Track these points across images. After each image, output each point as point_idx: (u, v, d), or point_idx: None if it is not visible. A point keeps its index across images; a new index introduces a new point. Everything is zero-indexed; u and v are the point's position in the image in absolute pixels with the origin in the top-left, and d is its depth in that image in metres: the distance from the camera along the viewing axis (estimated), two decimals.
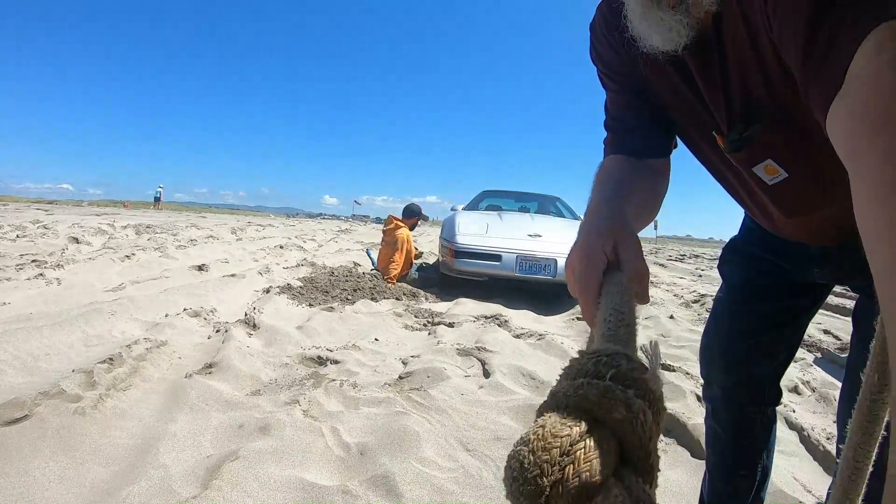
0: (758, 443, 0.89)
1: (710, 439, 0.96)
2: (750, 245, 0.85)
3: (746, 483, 0.89)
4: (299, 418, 1.48)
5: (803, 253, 0.74)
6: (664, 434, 1.61)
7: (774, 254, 0.80)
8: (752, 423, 0.87)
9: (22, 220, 7.41)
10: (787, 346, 0.85)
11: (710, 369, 0.90)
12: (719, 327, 0.89)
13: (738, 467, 0.90)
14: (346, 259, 6.16)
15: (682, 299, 4.33)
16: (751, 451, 0.89)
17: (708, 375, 0.91)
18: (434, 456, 1.32)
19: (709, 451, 0.97)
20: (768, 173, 0.61)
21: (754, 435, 0.88)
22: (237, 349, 2.06)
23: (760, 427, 0.88)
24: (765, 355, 0.84)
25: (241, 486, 1.12)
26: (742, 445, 0.89)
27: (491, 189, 6.40)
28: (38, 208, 13.24)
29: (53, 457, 1.20)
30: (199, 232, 8.43)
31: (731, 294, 0.88)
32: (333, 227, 18.04)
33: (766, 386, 0.86)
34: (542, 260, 3.97)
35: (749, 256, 0.85)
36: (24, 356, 1.76)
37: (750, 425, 0.87)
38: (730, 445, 0.90)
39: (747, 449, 0.89)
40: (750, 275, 0.84)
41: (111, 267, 4.11)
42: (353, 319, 2.94)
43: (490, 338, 2.50)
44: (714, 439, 0.94)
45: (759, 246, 0.83)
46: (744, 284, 0.86)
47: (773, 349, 0.84)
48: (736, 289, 0.87)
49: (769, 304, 0.82)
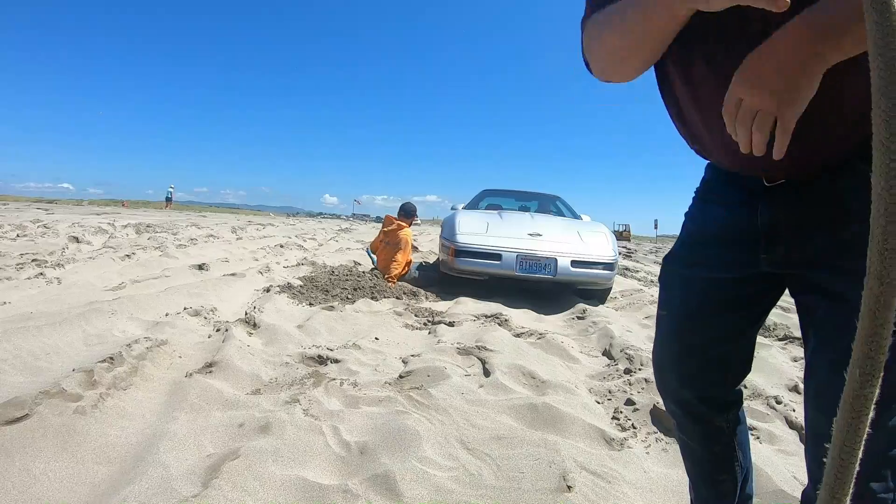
0: (730, 446, 0.88)
1: (682, 450, 0.95)
2: (688, 247, 0.83)
3: (728, 485, 0.89)
4: (300, 417, 1.48)
5: (751, 223, 0.71)
6: (664, 434, 1.61)
7: (719, 229, 0.77)
8: (719, 430, 0.86)
9: (22, 220, 7.42)
10: (740, 355, 0.83)
11: (664, 385, 0.89)
12: (666, 345, 0.87)
13: (715, 473, 0.89)
14: (347, 258, 6.16)
15: None
16: (725, 455, 0.88)
17: (664, 391, 0.90)
18: (434, 455, 1.32)
19: (685, 461, 0.96)
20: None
21: (724, 440, 0.87)
22: (237, 348, 2.06)
23: (729, 431, 0.87)
24: (718, 368, 0.82)
25: (242, 486, 1.12)
26: (714, 452, 0.88)
27: (491, 188, 6.38)
28: (39, 207, 13.25)
29: (54, 456, 1.20)
30: (200, 231, 8.44)
31: (673, 312, 0.86)
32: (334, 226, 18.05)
33: (725, 394, 0.85)
34: (543, 259, 3.97)
35: (688, 268, 0.82)
36: (24, 355, 1.76)
37: (718, 433, 0.86)
38: (703, 455, 0.89)
39: (721, 454, 0.88)
40: (688, 296, 0.82)
41: (111, 266, 4.12)
42: (353, 318, 2.94)
43: (490, 337, 2.50)
44: (686, 450, 0.93)
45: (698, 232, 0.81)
46: (682, 305, 0.84)
47: (726, 361, 0.82)
48: (675, 309, 0.85)
49: (714, 320, 0.80)
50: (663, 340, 0.87)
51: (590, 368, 2.32)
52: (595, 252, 4.12)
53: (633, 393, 1.89)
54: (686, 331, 0.83)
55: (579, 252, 4.07)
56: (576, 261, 4.00)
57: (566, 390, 1.86)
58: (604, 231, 4.54)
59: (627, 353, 2.38)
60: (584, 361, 2.42)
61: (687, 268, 0.83)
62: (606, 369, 2.27)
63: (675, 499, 1.26)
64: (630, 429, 1.64)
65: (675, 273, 0.85)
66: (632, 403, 1.80)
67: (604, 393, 1.94)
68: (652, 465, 1.41)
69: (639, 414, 1.73)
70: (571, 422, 1.58)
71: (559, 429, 1.55)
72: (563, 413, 1.61)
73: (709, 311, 0.80)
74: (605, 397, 1.90)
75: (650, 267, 8.06)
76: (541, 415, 1.62)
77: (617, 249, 4.34)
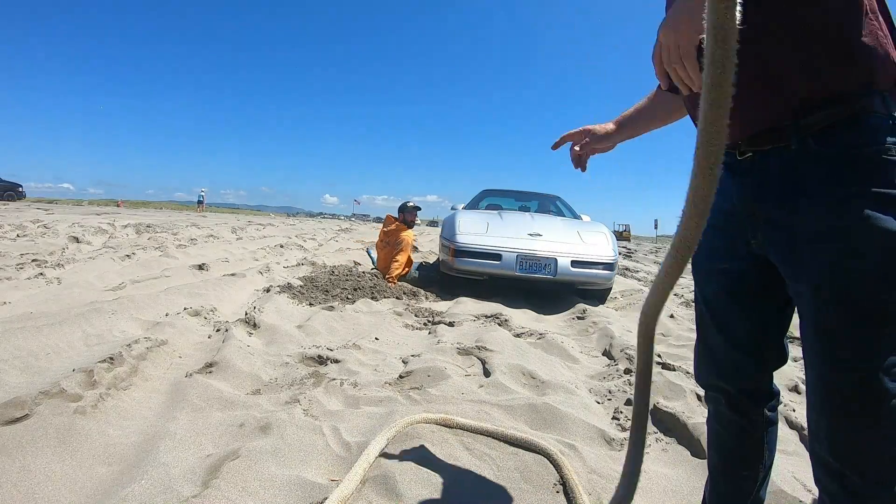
0: (760, 443, 0.88)
1: (712, 441, 0.95)
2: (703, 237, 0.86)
3: (749, 483, 0.89)
4: (300, 417, 1.48)
5: (734, 206, 0.77)
6: (664, 434, 1.61)
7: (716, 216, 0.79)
8: (755, 426, 0.87)
9: (22, 220, 7.41)
10: (771, 344, 0.84)
11: (705, 378, 0.91)
12: (701, 339, 0.89)
13: (741, 469, 0.90)
14: (347, 258, 6.17)
15: (682, 298, 4.33)
16: (754, 452, 0.88)
17: (705, 384, 0.91)
18: (434, 455, 1.32)
19: (711, 452, 0.96)
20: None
21: (758, 437, 0.88)
22: (237, 348, 2.06)
23: (764, 429, 0.88)
24: (753, 360, 0.84)
25: (242, 486, 1.12)
26: (746, 448, 0.89)
27: (491, 188, 6.38)
28: (39, 207, 13.25)
29: (54, 456, 1.20)
30: (200, 231, 8.44)
31: (702, 306, 0.88)
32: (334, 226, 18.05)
33: (762, 385, 0.86)
34: (543, 259, 3.97)
35: (705, 260, 0.85)
36: (24, 355, 1.76)
37: (753, 428, 0.87)
38: (734, 449, 0.90)
39: (751, 451, 0.88)
40: (710, 289, 0.85)
41: (111, 266, 4.12)
42: (353, 318, 2.94)
43: (490, 337, 2.50)
44: (717, 441, 0.93)
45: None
46: (706, 299, 0.86)
47: (758, 352, 0.83)
48: (702, 303, 0.87)
49: (738, 313, 0.82)
50: (699, 335, 0.90)
51: (590, 368, 2.32)
52: (595, 252, 4.12)
53: (633, 393, 1.89)
54: (716, 324, 0.85)
55: (579, 252, 4.07)
56: (576, 261, 4.00)
57: (566, 390, 1.86)
58: (604, 231, 4.54)
59: (627, 353, 2.38)
60: (584, 361, 2.42)
61: (704, 260, 0.86)
62: (606, 369, 2.27)
63: (675, 499, 1.26)
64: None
65: (697, 266, 0.88)
66: (632, 403, 1.80)
67: (604, 393, 1.94)
68: (652, 465, 1.41)
69: None
70: (571, 422, 1.58)
71: (559, 429, 1.55)
72: (563, 413, 1.61)
73: (730, 304, 0.82)
74: (605, 397, 1.91)
75: (650, 267, 8.05)
76: (541, 415, 1.62)
77: (617, 249, 4.34)
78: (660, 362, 2.26)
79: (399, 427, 1.41)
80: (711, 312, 0.86)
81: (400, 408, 1.60)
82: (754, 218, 0.75)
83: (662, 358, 2.33)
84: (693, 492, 1.29)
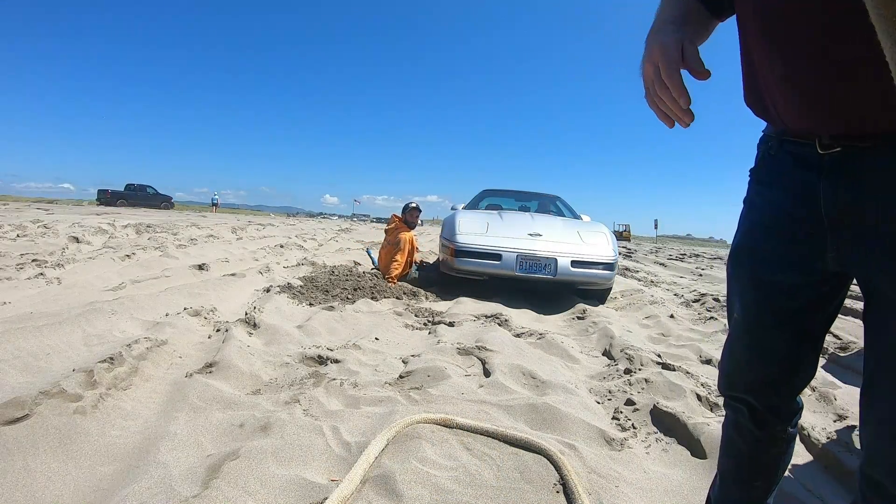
0: (778, 457, 0.86)
1: (726, 447, 0.91)
2: (750, 241, 0.78)
3: (760, 492, 0.88)
4: (300, 417, 1.48)
5: (813, 210, 0.66)
6: (664, 434, 1.61)
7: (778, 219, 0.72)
8: (775, 439, 0.84)
9: (22, 220, 7.41)
10: (807, 361, 0.78)
11: (731, 390, 0.85)
12: (735, 351, 0.83)
13: (754, 479, 0.88)
14: (347, 258, 6.17)
15: (682, 298, 4.33)
16: (770, 464, 0.87)
17: (731, 397, 0.86)
18: (434, 455, 1.32)
19: (724, 458, 0.92)
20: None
21: (775, 451, 0.85)
22: (237, 348, 2.06)
23: (783, 445, 0.85)
24: (787, 377, 0.78)
25: (242, 486, 1.12)
26: (762, 461, 0.86)
27: (491, 188, 6.38)
28: (39, 208, 13.24)
29: (54, 456, 1.20)
30: (200, 231, 8.43)
31: (739, 318, 0.81)
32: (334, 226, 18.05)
33: (791, 402, 0.82)
34: (543, 259, 3.97)
35: (750, 268, 0.77)
36: (24, 356, 1.76)
37: (773, 441, 0.84)
38: (750, 458, 0.87)
39: (766, 464, 0.86)
40: (752, 301, 0.77)
41: (111, 266, 4.12)
42: (353, 319, 2.94)
43: (490, 337, 2.50)
44: (732, 449, 0.90)
45: (760, 224, 0.75)
46: (747, 311, 0.78)
47: (794, 369, 0.78)
48: (740, 314, 0.80)
49: (780, 329, 0.75)
50: (732, 345, 0.83)
51: (590, 368, 2.32)
52: (595, 252, 4.12)
53: (633, 393, 1.89)
54: (751, 338, 0.79)
55: (579, 252, 4.08)
56: (576, 261, 4.00)
57: (566, 390, 1.86)
58: (604, 231, 4.54)
59: (627, 353, 2.38)
60: (584, 361, 2.42)
61: (749, 268, 0.77)
62: (606, 369, 2.27)
63: (675, 499, 1.26)
64: (630, 429, 1.64)
65: (738, 274, 0.80)
66: (632, 403, 1.80)
67: (604, 393, 1.94)
68: (652, 465, 1.41)
69: (639, 414, 1.74)
70: (571, 422, 1.58)
71: (559, 429, 1.54)
72: (563, 413, 1.61)
73: (772, 319, 0.75)
74: (605, 397, 1.91)
75: (650, 267, 8.06)
76: (541, 415, 1.62)
77: (617, 249, 4.34)
78: (660, 362, 2.26)
79: (399, 427, 1.41)
80: (748, 324, 0.79)
81: (400, 408, 1.60)
82: (841, 226, 0.64)
83: (662, 358, 2.34)
84: (693, 492, 1.29)
